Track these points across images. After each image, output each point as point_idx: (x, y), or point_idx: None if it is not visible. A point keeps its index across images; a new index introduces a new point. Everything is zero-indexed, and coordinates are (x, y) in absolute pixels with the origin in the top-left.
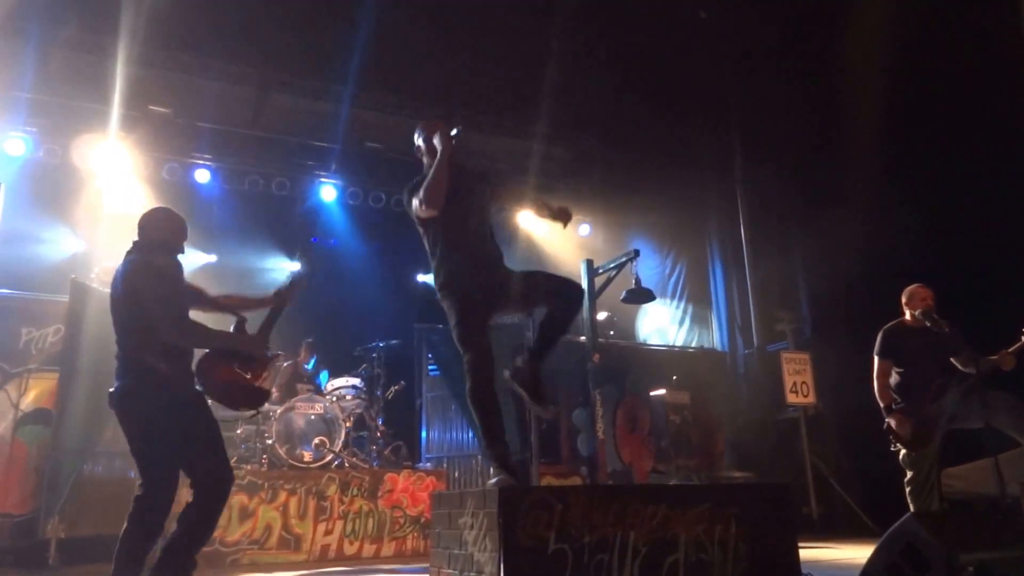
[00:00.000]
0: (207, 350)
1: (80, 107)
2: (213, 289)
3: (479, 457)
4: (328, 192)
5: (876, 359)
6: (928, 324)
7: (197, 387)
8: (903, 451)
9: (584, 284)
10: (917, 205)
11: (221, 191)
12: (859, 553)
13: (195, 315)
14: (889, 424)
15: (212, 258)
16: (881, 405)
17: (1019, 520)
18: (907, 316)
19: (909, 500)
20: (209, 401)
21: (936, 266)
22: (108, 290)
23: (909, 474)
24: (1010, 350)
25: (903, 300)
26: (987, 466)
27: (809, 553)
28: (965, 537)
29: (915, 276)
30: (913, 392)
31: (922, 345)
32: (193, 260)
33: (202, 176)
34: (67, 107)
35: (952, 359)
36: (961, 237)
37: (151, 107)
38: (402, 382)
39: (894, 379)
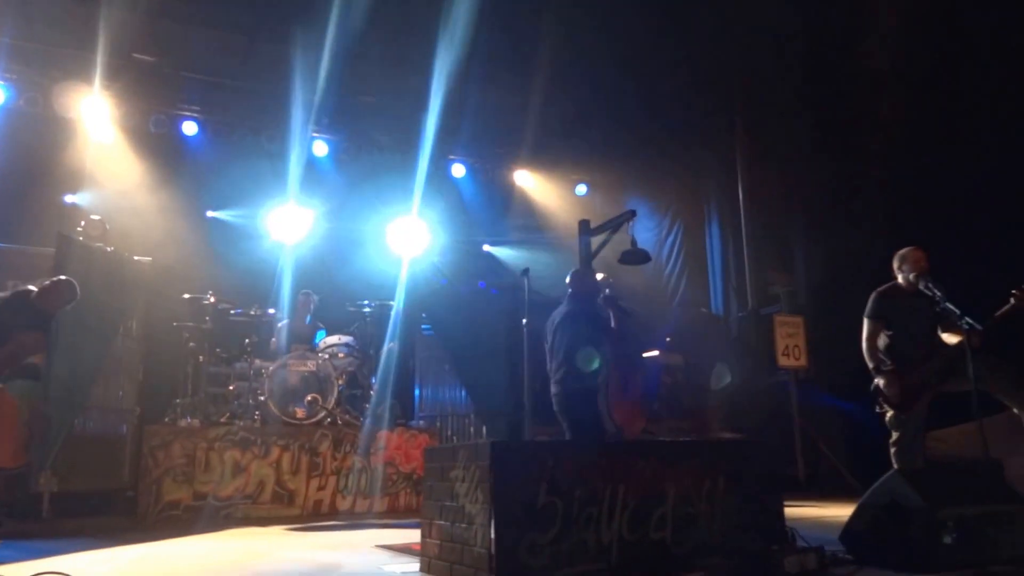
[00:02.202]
0: None
1: (63, 54)
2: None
3: (471, 415)
4: (320, 147)
5: (866, 321)
6: (921, 287)
7: None
8: (889, 412)
9: (580, 245)
10: (916, 171)
11: (210, 144)
12: (843, 511)
13: None
14: (877, 385)
15: (210, 214)
16: (870, 366)
17: (998, 478)
18: (900, 279)
19: (894, 461)
20: None
21: (931, 230)
22: (95, 244)
23: (895, 435)
24: (1001, 314)
25: (895, 264)
26: (972, 430)
27: (794, 511)
28: (946, 494)
29: (909, 240)
30: (902, 355)
31: (913, 308)
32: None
33: (190, 128)
34: (49, 53)
35: (939, 328)
36: (957, 201)
37: (135, 55)
38: (395, 341)
39: (884, 341)
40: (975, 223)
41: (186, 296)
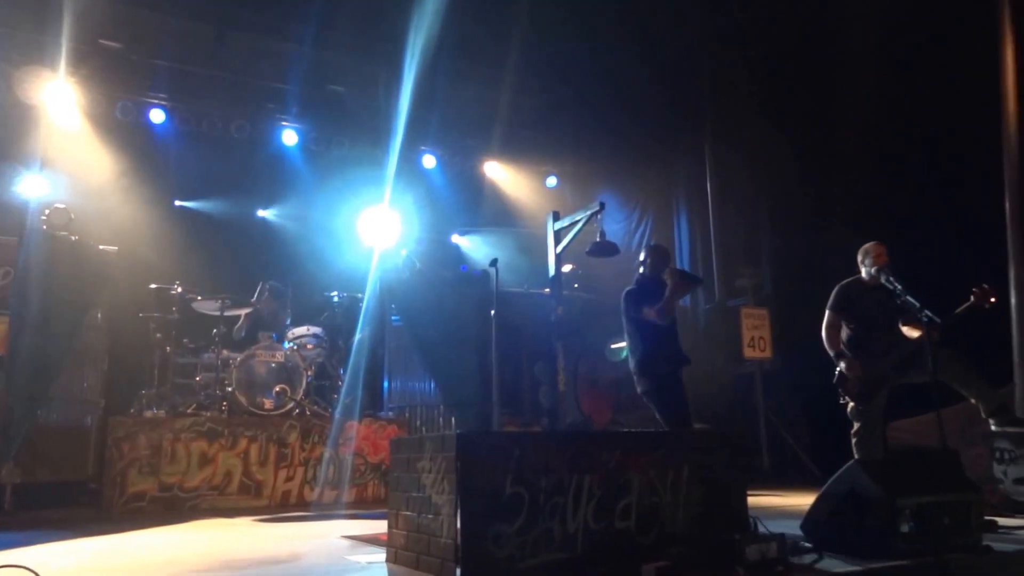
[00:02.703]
0: None
1: (26, 38)
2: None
3: (441, 406)
4: (289, 136)
5: (828, 312)
6: (882, 281)
7: None
8: (851, 404)
9: (550, 236)
10: (881, 168)
11: (177, 132)
12: (806, 500)
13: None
14: (839, 376)
15: (177, 203)
16: (831, 353)
17: (955, 467)
18: (862, 273)
19: (855, 451)
20: None
21: (894, 225)
22: (59, 232)
23: (856, 426)
24: (961, 310)
25: (859, 257)
26: (930, 420)
27: (758, 500)
28: (904, 483)
29: (873, 235)
30: (863, 347)
31: (875, 302)
32: (148, 204)
33: (157, 116)
34: (11, 37)
35: (900, 321)
36: (920, 198)
37: (102, 41)
38: (364, 331)
39: (846, 334)
40: (937, 220)
41: (153, 286)
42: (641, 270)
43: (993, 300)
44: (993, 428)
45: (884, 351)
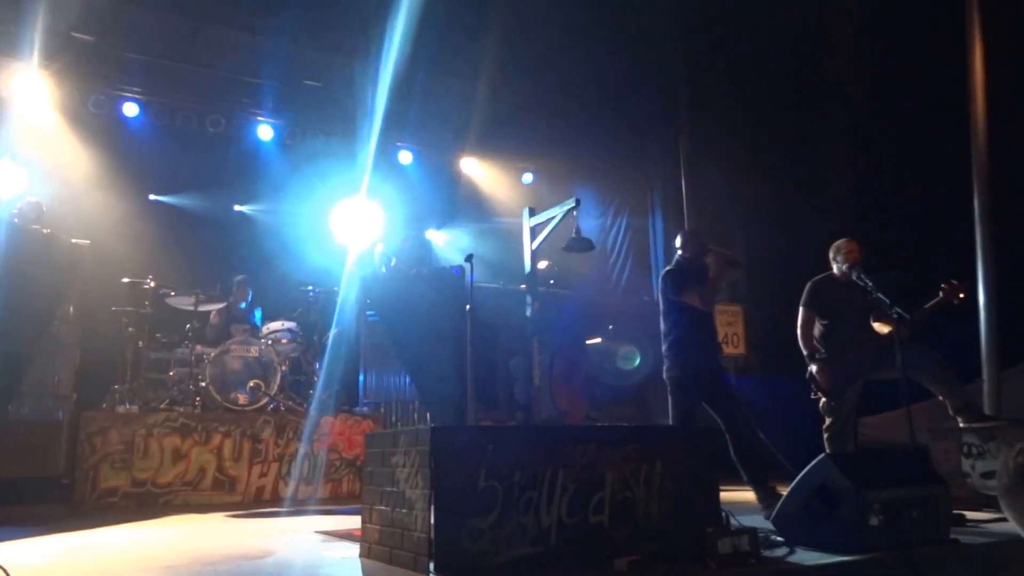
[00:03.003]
0: None
1: None
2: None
3: (416, 402)
4: (265, 131)
5: (801, 309)
6: (853, 277)
7: None
8: (823, 399)
9: (525, 232)
10: (852, 164)
11: (151, 126)
12: (779, 495)
13: None
14: (811, 372)
15: (150, 197)
16: (804, 353)
17: (924, 462)
18: (834, 270)
19: (826, 446)
20: None
21: (866, 223)
22: (31, 226)
23: (828, 421)
24: (930, 305)
25: (831, 254)
26: (900, 416)
27: (730, 495)
28: (873, 477)
29: (846, 232)
30: (836, 343)
31: (847, 298)
32: (121, 198)
33: (131, 110)
34: None
35: (871, 317)
36: (891, 196)
37: (75, 34)
38: (339, 327)
39: (819, 330)
40: (908, 218)
41: (125, 280)
42: (679, 253)
43: (962, 296)
44: (961, 424)
45: (856, 347)
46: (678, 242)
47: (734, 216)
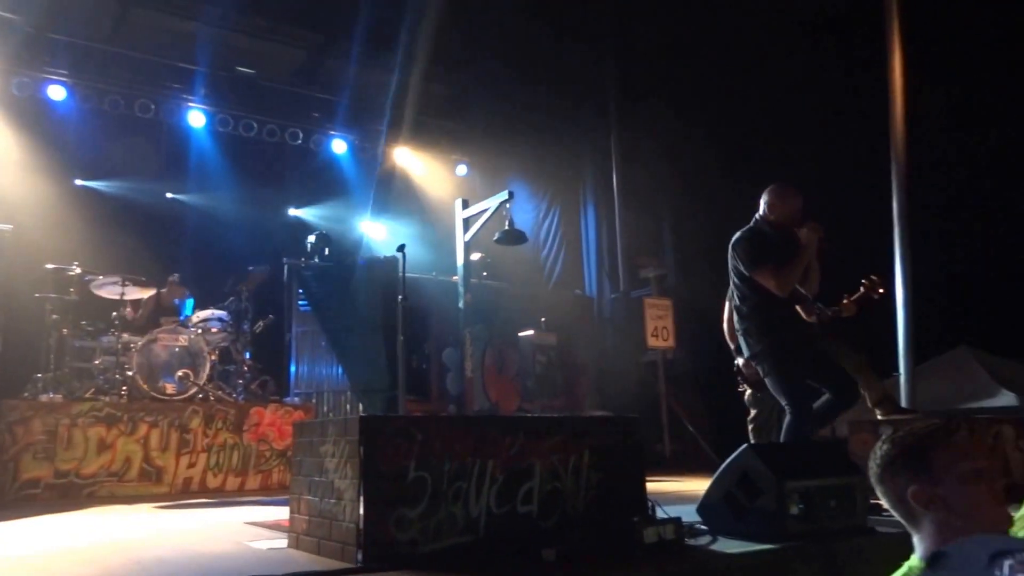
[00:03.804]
0: None
1: None
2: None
3: (348, 392)
4: (196, 117)
5: (727, 303)
6: None
7: None
8: (748, 391)
9: (458, 224)
10: (779, 162)
11: (78, 110)
12: (703, 485)
13: None
14: (737, 366)
15: (76, 182)
16: (731, 346)
17: (841, 453)
18: None
19: (751, 437)
20: None
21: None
22: None
23: (752, 413)
24: (851, 299)
25: None
26: None
27: (658, 486)
28: (793, 467)
29: None
30: None
31: None
32: (46, 183)
33: (56, 93)
34: None
35: (797, 307)
36: (815, 194)
37: None
38: (271, 316)
39: None
40: (831, 214)
41: (49, 266)
42: (762, 213)
43: (881, 291)
44: (879, 416)
45: None
46: (765, 198)
47: (663, 211)
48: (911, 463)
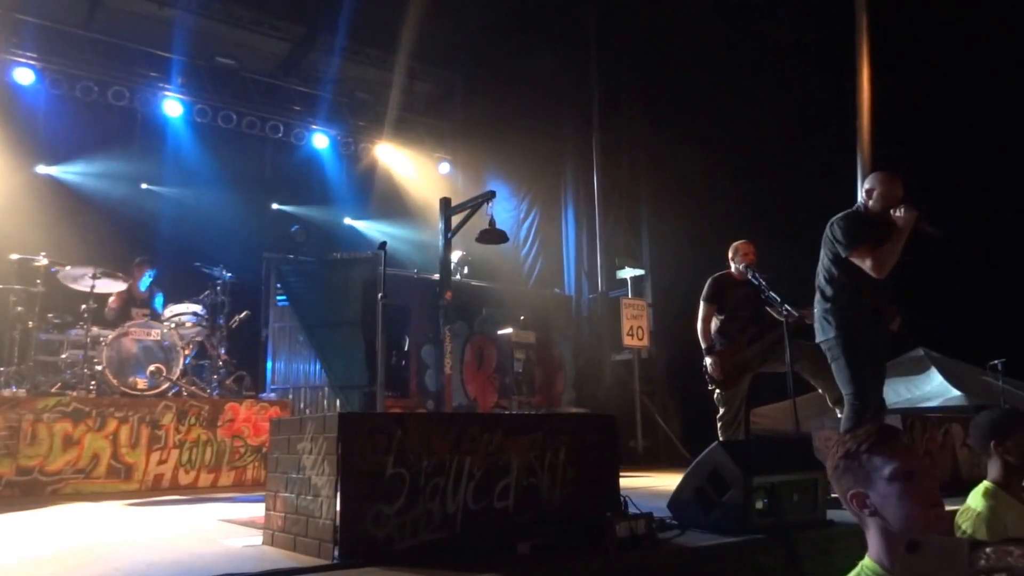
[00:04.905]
0: None
1: None
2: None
3: (325, 388)
4: (173, 107)
5: (702, 303)
6: (749, 277)
7: None
8: (717, 390)
9: (440, 222)
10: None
11: (48, 95)
12: (675, 481)
13: None
14: (706, 365)
15: (42, 170)
16: (703, 346)
17: (806, 449)
18: (732, 268)
19: (719, 434)
20: None
21: (762, 225)
22: None
23: (721, 410)
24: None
25: (729, 254)
26: (787, 406)
27: (631, 481)
28: (760, 463)
29: (743, 234)
30: (730, 337)
31: (742, 295)
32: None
33: (24, 76)
34: None
35: (767, 308)
36: (783, 199)
37: None
38: (247, 312)
39: (715, 324)
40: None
41: (14, 256)
42: (864, 199)
43: None
44: (839, 415)
45: (748, 341)
46: (867, 184)
47: (641, 213)
48: (850, 467)
